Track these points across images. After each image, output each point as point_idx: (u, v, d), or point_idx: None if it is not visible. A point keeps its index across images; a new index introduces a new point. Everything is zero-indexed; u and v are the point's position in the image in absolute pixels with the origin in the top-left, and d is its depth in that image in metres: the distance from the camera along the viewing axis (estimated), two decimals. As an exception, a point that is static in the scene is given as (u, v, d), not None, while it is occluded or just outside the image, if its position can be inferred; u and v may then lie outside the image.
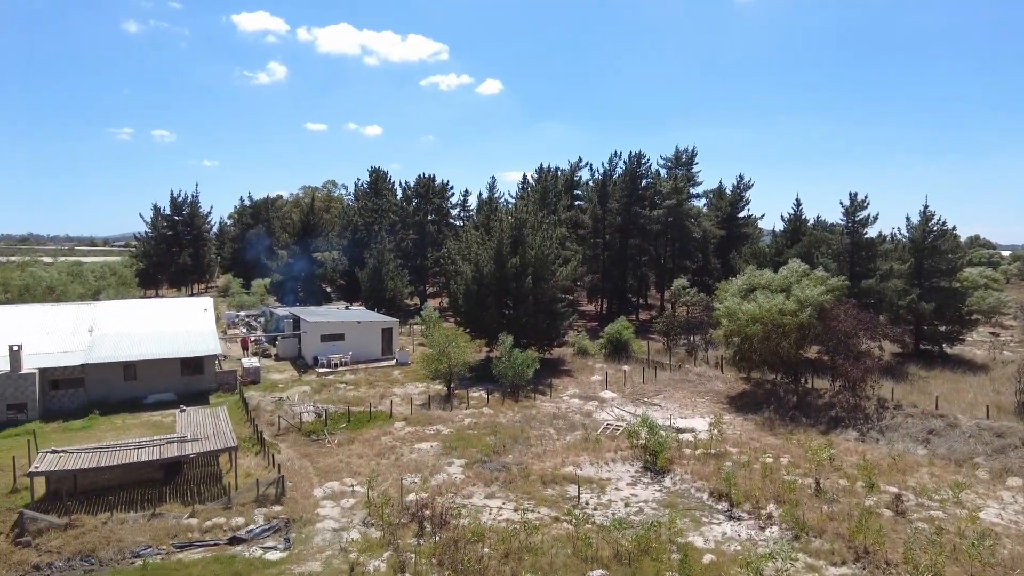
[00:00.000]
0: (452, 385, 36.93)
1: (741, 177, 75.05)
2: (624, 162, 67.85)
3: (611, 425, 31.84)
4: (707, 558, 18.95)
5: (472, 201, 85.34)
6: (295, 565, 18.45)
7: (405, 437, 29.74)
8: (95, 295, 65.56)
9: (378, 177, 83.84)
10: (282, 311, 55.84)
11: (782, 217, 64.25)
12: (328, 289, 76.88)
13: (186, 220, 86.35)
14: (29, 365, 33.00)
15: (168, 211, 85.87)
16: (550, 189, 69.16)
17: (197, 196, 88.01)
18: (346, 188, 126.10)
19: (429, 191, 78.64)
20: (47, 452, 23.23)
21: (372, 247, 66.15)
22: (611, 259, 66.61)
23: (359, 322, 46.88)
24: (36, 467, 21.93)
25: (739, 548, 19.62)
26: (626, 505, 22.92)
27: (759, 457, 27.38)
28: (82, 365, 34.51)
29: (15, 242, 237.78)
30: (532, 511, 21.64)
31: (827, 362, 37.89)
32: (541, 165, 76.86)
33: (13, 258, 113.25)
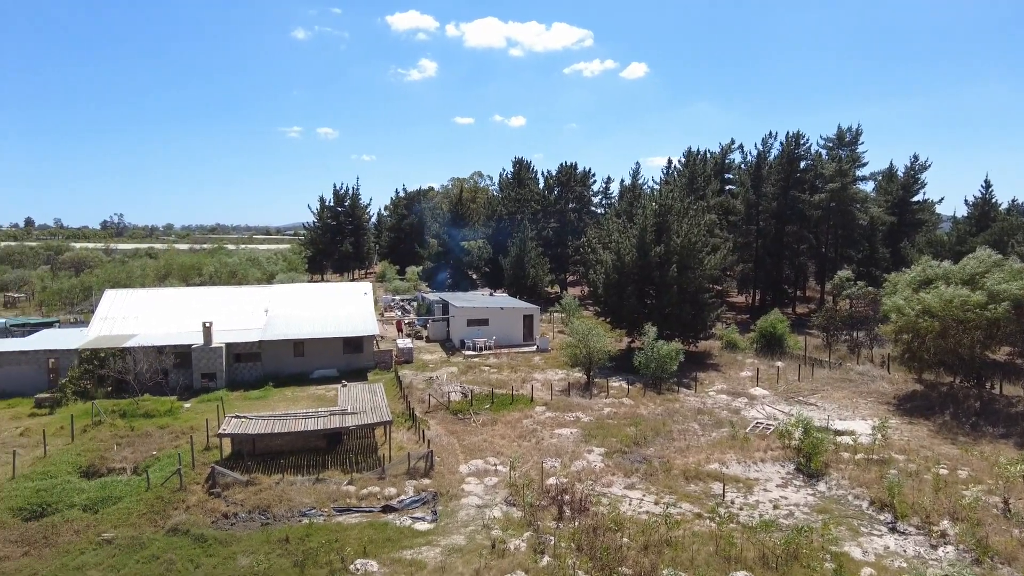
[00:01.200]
0: (592, 374, 36.90)
1: (916, 157, 67.72)
2: (780, 143, 63.58)
3: (761, 423, 30.22)
4: (865, 571, 17.48)
5: (614, 188, 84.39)
6: (441, 537, 19.45)
7: (545, 422, 30.20)
8: (269, 279, 72.83)
9: (521, 167, 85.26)
10: (433, 296, 58.74)
11: (966, 201, 57.40)
12: (474, 276, 79.67)
13: (348, 211, 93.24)
14: (218, 340, 37.45)
15: (332, 203, 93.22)
16: (698, 173, 66.53)
17: (357, 188, 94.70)
18: (491, 179, 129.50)
19: (571, 179, 78.72)
20: (232, 417, 26.27)
21: (515, 236, 67.53)
22: (765, 247, 62.85)
23: (502, 308, 48.14)
24: (224, 429, 24.89)
25: (904, 565, 17.89)
26: (775, 507, 21.69)
27: (930, 467, 24.70)
28: (259, 341, 38.55)
29: (206, 232, 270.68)
30: (673, 505, 21.13)
31: (1021, 365, 33.27)
32: (689, 149, 74.06)
33: (204, 246, 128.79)
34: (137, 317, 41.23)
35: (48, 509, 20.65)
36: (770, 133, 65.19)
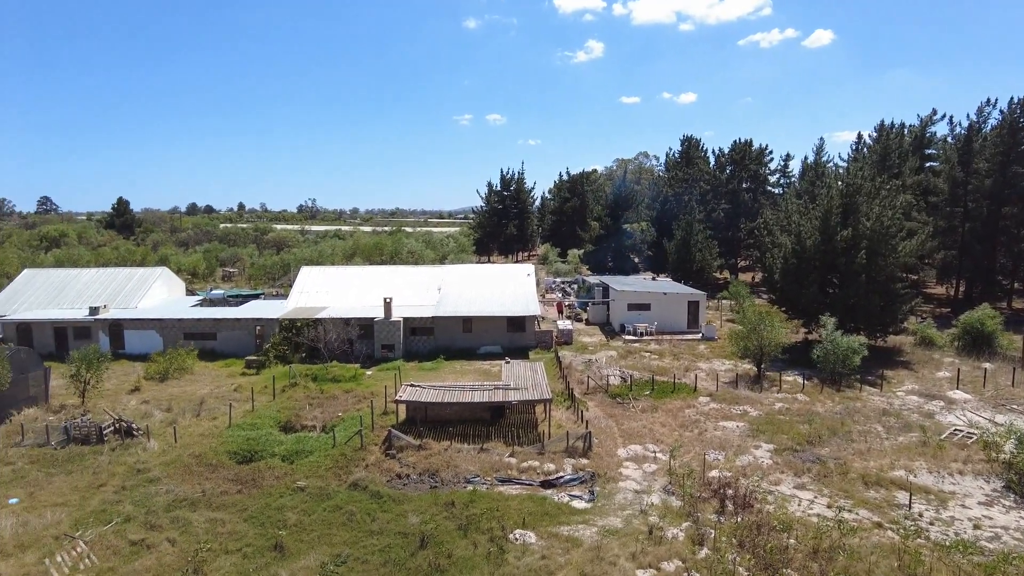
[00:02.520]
0: (763, 366, 34.86)
1: None
2: (1000, 111, 54.92)
3: (961, 431, 26.77)
4: (1097, 613, 14.92)
5: (794, 166, 78.63)
6: (597, 517, 19.61)
7: (709, 413, 29.14)
8: (442, 260, 77.10)
9: (690, 145, 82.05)
10: (593, 279, 58.81)
11: None
12: (636, 260, 78.42)
13: (513, 195, 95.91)
14: (396, 314, 40.51)
15: (499, 187, 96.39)
16: (892, 149, 59.74)
17: (523, 173, 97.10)
18: (657, 159, 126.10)
19: (745, 157, 74.30)
20: (407, 385, 28.37)
21: (681, 218, 65.30)
22: (974, 232, 54.96)
23: (665, 293, 46.96)
24: (400, 396, 26.96)
25: None
26: (975, 527, 19.18)
27: None
28: (432, 317, 41.11)
29: (387, 215, 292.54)
30: (849, 511, 19.49)
31: None
32: (882, 122, 66.62)
33: (385, 228, 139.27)
34: (327, 292, 45.82)
35: (255, 455, 23.79)
36: (988, 101, 56.65)
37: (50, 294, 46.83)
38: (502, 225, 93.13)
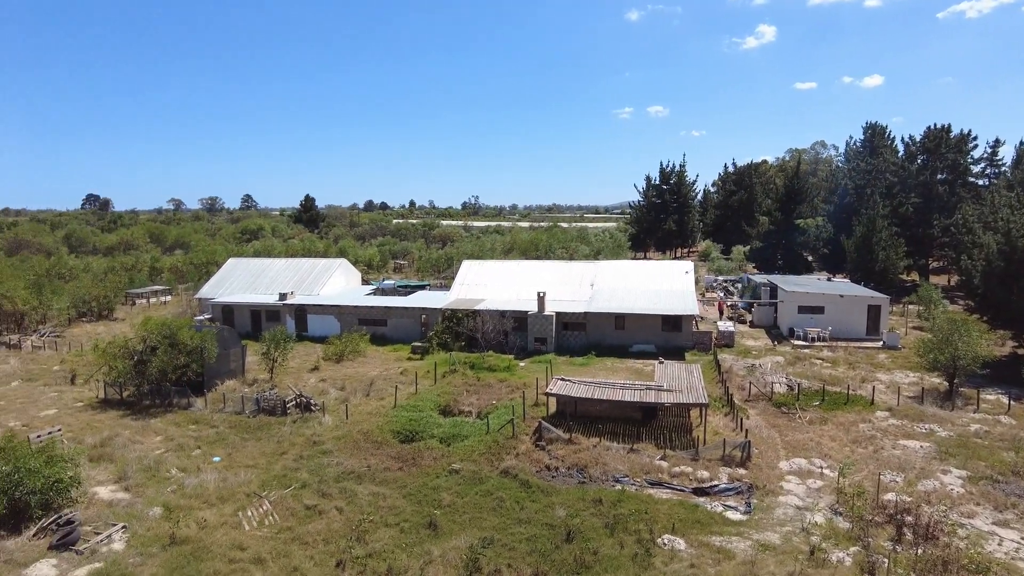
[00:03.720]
0: (956, 381, 30.75)
1: None
2: None
3: None
4: None
5: (1005, 153, 68.20)
6: (753, 530, 18.48)
7: (888, 429, 26.29)
8: (596, 255, 76.78)
9: (875, 133, 74.25)
10: (759, 278, 55.39)
11: None
12: (809, 258, 72.69)
13: (673, 189, 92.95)
14: (550, 308, 41.00)
15: (657, 181, 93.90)
16: None
17: (684, 166, 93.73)
18: (836, 148, 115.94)
19: (941, 144, 65.74)
20: (558, 379, 28.61)
21: (862, 213, 59.37)
22: None
23: (842, 296, 43.04)
24: (550, 389, 27.27)
25: None
26: None
27: None
28: (585, 312, 41.08)
29: (544, 211, 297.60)
30: (1068, 558, 16.61)
31: None
32: None
33: (542, 224, 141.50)
34: (486, 284, 47.49)
35: (416, 436, 25.27)
36: None
37: (248, 281, 53.11)
38: (660, 220, 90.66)
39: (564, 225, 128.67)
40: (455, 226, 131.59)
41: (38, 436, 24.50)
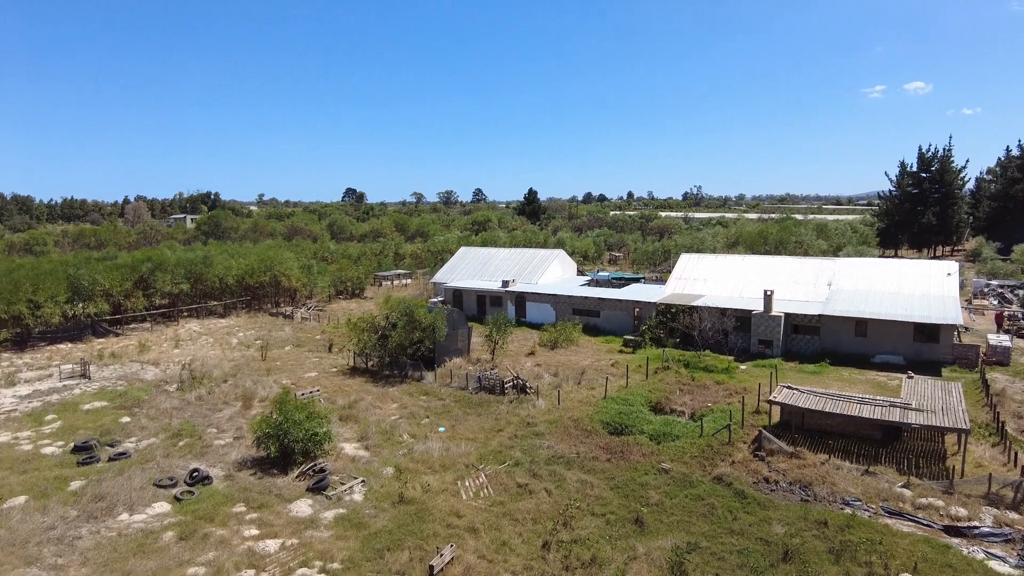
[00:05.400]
0: None
1: None
2: None
3: None
4: None
5: None
6: (1028, 589, 15.35)
7: None
8: (835, 252, 69.38)
9: None
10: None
11: None
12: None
13: (934, 176, 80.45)
14: (777, 309, 37.97)
15: (915, 167, 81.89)
16: None
17: (950, 149, 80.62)
18: None
19: None
20: (783, 386, 26.41)
21: None
22: None
23: None
24: (774, 396, 25.27)
25: None
26: None
27: None
28: (819, 315, 37.34)
29: (775, 202, 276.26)
30: None
31: None
32: None
33: (772, 216, 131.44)
34: (705, 280, 45.45)
35: (625, 429, 25.10)
36: None
37: (476, 268, 56.93)
38: (916, 213, 79.01)
39: (798, 217, 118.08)
40: (674, 217, 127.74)
41: (302, 394, 28.84)
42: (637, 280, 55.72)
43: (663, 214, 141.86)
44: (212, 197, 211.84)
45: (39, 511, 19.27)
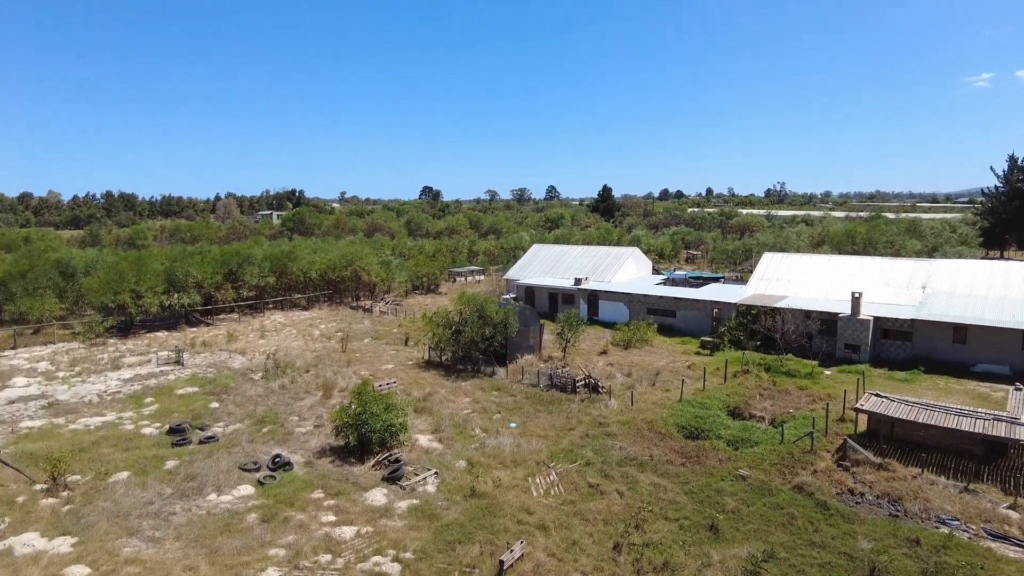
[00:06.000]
0: None
1: None
2: None
3: None
4: None
5: None
6: None
7: None
8: (931, 252, 65.16)
9: None
10: None
11: None
12: None
13: (1049, 173, 74.02)
14: (866, 312, 36.01)
15: (1026, 163, 75.64)
16: None
17: (1068, 143, 73.93)
18: None
19: None
20: (871, 394, 25.01)
21: None
22: None
23: None
24: (861, 404, 23.97)
25: None
26: None
27: None
28: (911, 320, 35.15)
29: (864, 199, 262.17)
30: None
31: None
32: None
33: (860, 214, 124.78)
34: (788, 280, 43.63)
35: (701, 433, 24.42)
36: None
37: (548, 265, 56.84)
38: (1026, 212, 73.06)
39: (890, 215, 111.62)
40: (756, 215, 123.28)
41: (379, 385, 29.61)
42: (716, 280, 54.14)
43: (744, 211, 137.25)
44: (297, 194, 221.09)
45: (139, 486, 20.63)
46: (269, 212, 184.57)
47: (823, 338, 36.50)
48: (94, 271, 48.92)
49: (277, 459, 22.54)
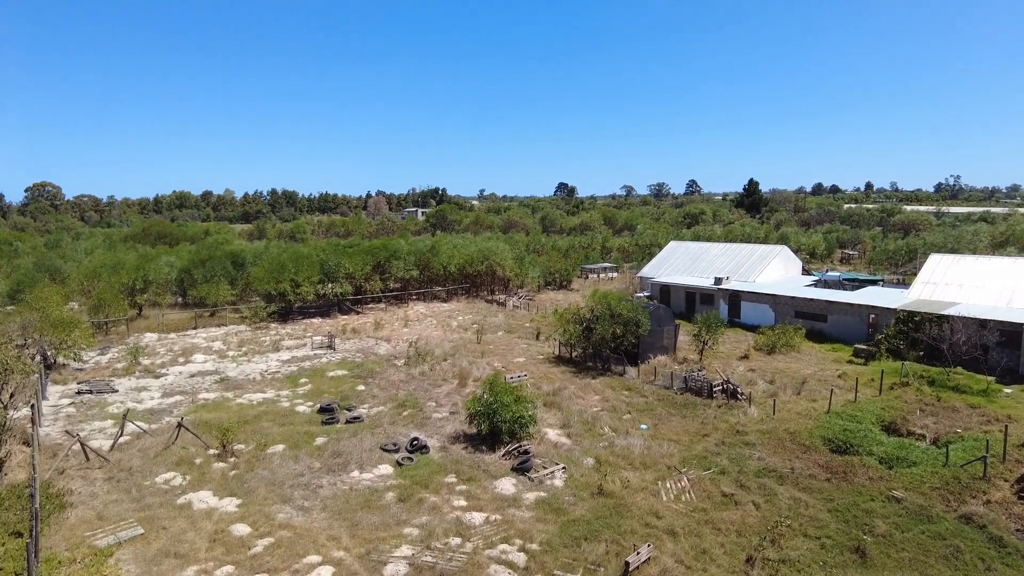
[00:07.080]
0: None
1: None
2: None
3: None
4: None
5: None
6: None
7: None
8: None
9: None
10: None
11: None
12: None
13: None
14: (1058, 323, 31.37)
15: None
16: None
17: None
18: None
19: None
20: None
21: None
22: None
23: None
24: (1048, 429, 20.95)
25: None
26: None
27: None
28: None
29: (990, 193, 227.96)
30: None
31: None
32: None
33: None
34: (960, 285, 39.07)
35: (850, 448, 22.54)
36: None
37: (686, 263, 55.00)
38: None
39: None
40: (923, 212, 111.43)
41: (511, 377, 30.25)
42: (874, 282, 49.64)
43: (908, 208, 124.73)
44: (440, 192, 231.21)
45: (292, 459, 22.64)
46: (415, 209, 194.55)
47: (1003, 351, 32.31)
48: (260, 262, 54.30)
49: (415, 442, 23.75)
